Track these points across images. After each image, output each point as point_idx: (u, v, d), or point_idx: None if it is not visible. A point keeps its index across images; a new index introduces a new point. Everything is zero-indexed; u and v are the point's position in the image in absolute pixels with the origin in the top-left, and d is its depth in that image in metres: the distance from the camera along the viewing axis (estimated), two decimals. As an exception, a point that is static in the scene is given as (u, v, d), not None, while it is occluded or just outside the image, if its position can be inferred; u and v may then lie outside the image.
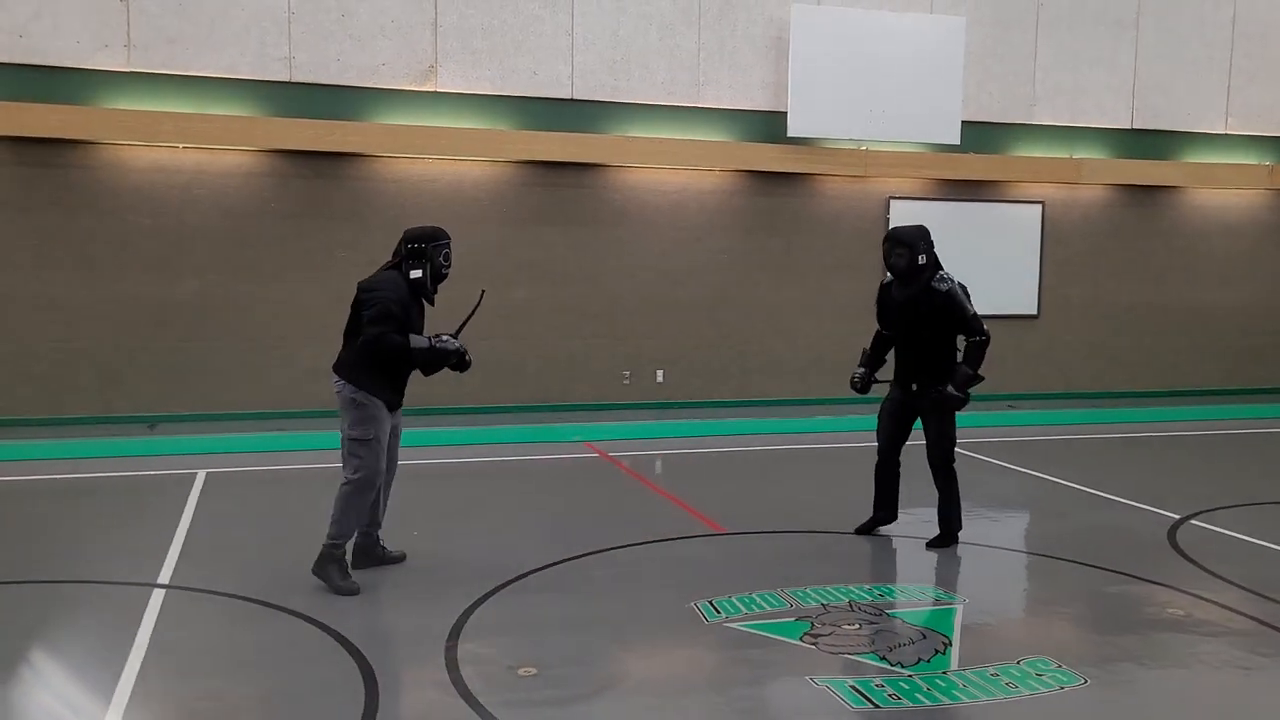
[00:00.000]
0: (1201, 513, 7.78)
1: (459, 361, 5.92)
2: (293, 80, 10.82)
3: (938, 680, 4.65)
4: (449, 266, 5.99)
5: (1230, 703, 4.61)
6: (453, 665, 4.78)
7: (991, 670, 4.75)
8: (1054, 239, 13.54)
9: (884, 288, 6.92)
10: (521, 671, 4.73)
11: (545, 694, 4.53)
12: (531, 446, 10.55)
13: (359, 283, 5.93)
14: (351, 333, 5.91)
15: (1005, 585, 6.33)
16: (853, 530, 7.11)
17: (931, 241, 6.61)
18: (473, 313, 6.12)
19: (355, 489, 5.82)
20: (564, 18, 11.67)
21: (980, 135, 12.96)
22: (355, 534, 6.00)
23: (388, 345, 5.70)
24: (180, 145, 10.56)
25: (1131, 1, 13.39)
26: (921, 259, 6.52)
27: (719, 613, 5.52)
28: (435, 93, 11.29)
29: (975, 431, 11.25)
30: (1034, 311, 13.53)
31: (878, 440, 7.01)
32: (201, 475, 8.73)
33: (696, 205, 12.41)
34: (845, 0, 12.42)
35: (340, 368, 5.88)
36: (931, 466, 6.78)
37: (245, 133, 10.61)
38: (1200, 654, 5.06)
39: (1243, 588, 6.02)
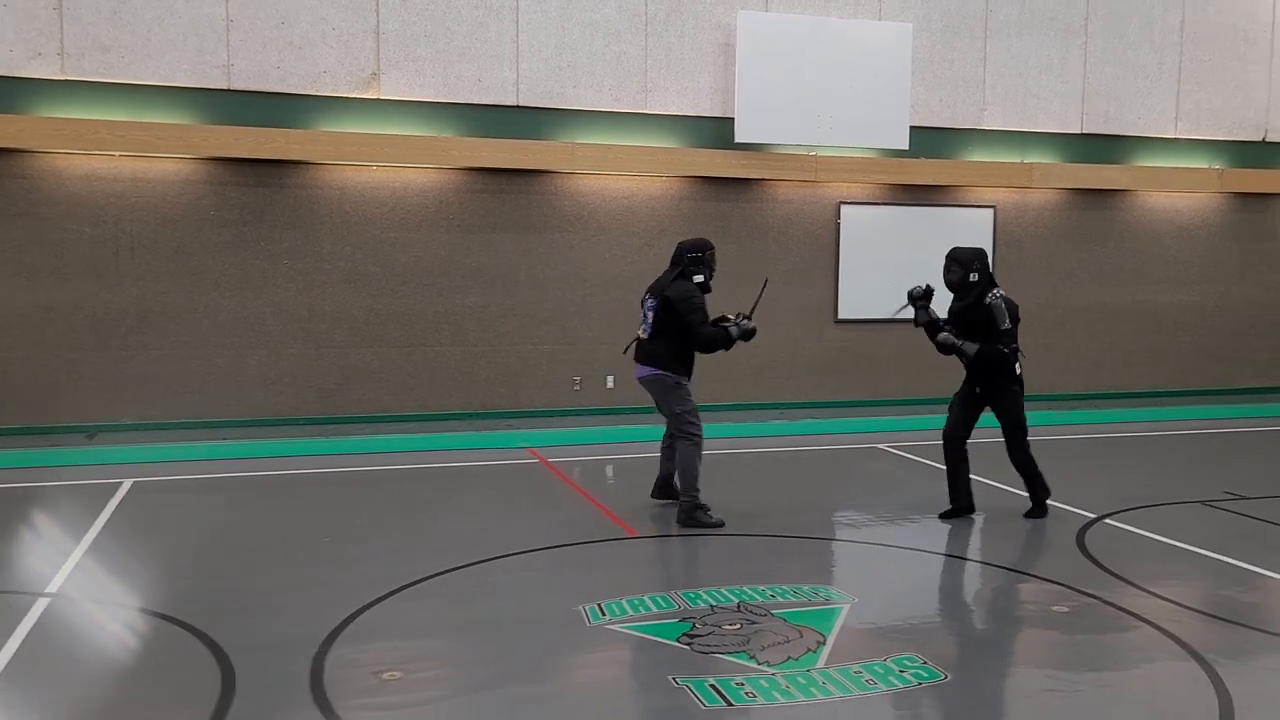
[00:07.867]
0: (1116, 512, 7.76)
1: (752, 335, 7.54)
2: (231, 88, 10.80)
3: (799, 678, 4.62)
4: (714, 272, 7.56)
5: (1088, 699, 4.58)
6: (317, 671, 4.75)
7: (856, 668, 4.73)
8: (1006, 243, 13.52)
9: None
10: (385, 676, 4.71)
11: (401, 698, 4.50)
12: (474, 453, 10.55)
13: (665, 291, 7.37)
14: (663, 331, 7.36)
15: (899, 585, 6.27)
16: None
17: (987, 262, 7.48)
18: (760, 295, 7.79)
19: (697, 446, 7.42)
20: (508, 25, 11.66)
21: (932, 140, 12.96)
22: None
23: (717, 336, 7.34)
24: (117, 153, 10.54)
25: (1080, 7, 13.40)
26: (973, 276, 7.38)
27: (604, 615, 5.50)
28: (378, 100, 11.28)
29: (921, 435, 11.25)
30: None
31: (945, 424, 7.81)
32: (127, 484, 8.71)
33: (646, 211, 12.39)
34: (792, 6, 12.43)
35: (656, 360, 7.40)
36: (1010, 456, 7.65)
37: (183, 140, 10.58)
38: (1073, 650, 5.04)
39: (1134, 584, 6.00)
